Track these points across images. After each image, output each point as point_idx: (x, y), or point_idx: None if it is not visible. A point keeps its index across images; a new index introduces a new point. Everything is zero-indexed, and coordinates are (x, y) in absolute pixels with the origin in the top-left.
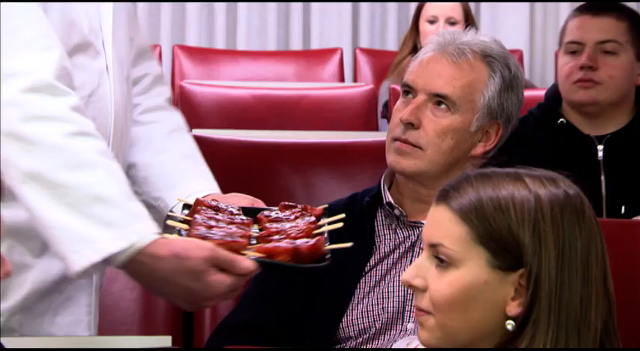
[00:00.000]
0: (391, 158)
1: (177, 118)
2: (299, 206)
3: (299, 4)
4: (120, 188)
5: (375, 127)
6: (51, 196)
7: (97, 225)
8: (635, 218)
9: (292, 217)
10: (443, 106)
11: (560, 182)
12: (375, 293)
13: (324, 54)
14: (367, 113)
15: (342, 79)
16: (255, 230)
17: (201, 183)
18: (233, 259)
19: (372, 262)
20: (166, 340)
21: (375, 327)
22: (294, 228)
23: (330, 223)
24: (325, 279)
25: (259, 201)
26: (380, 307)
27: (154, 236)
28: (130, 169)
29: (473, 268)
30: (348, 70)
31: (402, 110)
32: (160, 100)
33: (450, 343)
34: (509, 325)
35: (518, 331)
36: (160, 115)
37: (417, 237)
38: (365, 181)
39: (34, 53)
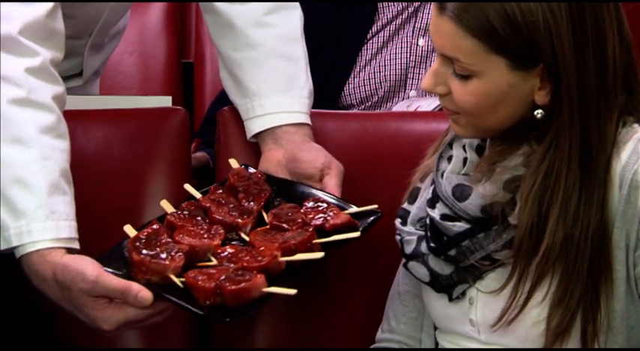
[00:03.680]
0: None
1: None
2: (329, 201)
3: None
4: (47, 177)
5: None
6: None
7: (6, 209)
8: None
9: (299, 220)
10: None
11: None
12: (378, 61)
13: None
14: None
15: None
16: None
17: (279, 103)
18: (125, 290)
19: (374, 29)
20: (167, 100)
21: (378, 95)
22: (260, 252)
23: (326, 245)
24: (327, 47)
25: (336, 163)
26: (382, 75)
27: (50, 244)
28: (219, 55)
29: (494, 75)
30: None
31: None
32: None
33: (484, 134)
34: (539, 114)
35: (547, 118)
36: None
37: (420, 3)
38: None
39: (10, 5)
